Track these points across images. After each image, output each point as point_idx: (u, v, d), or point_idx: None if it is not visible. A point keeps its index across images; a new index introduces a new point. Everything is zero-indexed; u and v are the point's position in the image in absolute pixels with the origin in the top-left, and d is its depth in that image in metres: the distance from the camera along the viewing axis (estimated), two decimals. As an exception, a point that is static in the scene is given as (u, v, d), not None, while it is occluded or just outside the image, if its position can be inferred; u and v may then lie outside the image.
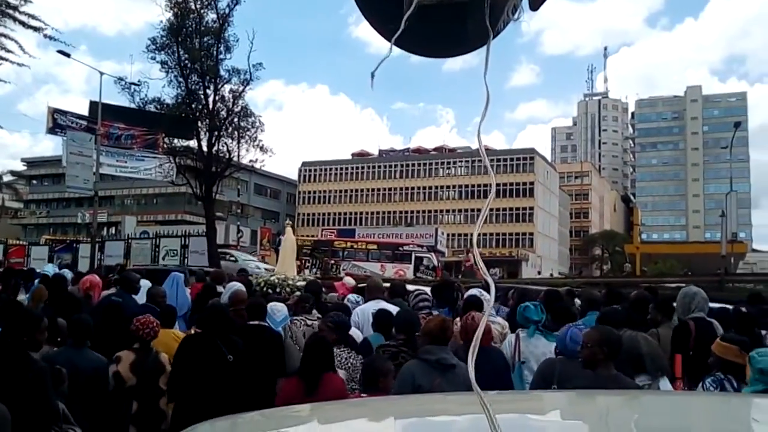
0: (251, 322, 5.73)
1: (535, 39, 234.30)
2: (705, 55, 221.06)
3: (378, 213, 79.77)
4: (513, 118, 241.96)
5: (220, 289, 8.11)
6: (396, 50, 1.67)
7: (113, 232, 48.30)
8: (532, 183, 75.85)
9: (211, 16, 25.99)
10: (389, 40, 1.63)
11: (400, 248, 39.70)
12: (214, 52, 25.81)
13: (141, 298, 7.40)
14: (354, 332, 5.85)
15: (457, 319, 5.70)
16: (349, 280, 10.05)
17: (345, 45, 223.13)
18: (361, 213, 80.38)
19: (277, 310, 6.42)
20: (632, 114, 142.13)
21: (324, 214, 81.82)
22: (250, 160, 26.69)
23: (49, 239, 43.74)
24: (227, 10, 25.69)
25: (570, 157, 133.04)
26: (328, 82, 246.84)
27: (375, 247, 40.60)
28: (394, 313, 5.76)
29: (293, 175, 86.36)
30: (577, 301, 7.43)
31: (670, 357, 4.81)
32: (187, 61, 25.54)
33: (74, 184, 27.37)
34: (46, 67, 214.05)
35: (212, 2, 25.75)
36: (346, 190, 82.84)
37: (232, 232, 39.77)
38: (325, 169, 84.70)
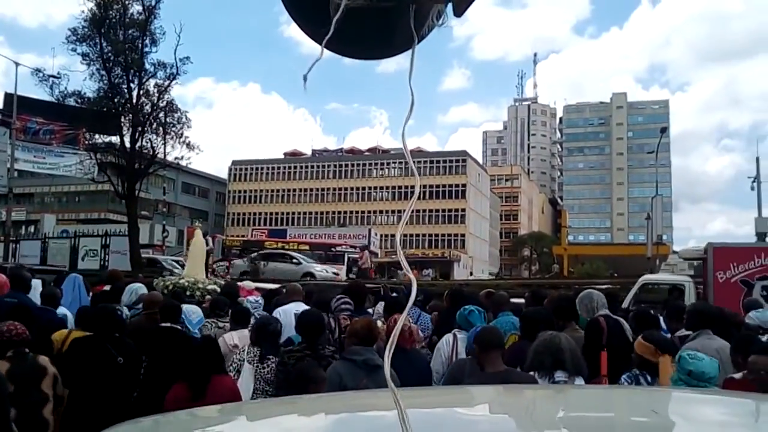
0: (164, 324, 5.56)
1: (466, 44, 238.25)
2: (629, 64, 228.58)
3: (310, 213, 79.00)
4: (445, 121, 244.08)
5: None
6: (327, 52, 1.66)
7: (32, 230, 46.11)
8: (464, 185, 76.68)
9: (136, 8, 25.21)
10: (319, 43, 1.63)
11: (333, 249, 39.26)
12: (139, 45, 24.94)
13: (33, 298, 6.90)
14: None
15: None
16: (249, 284, 10.01)
17: (277, 44, 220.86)
18: (293, 213, 79.41)
19: (192, 312, 6.25)
20: (560, 119, 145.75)
21: (255, 214, 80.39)
22: (176, 158, 25.87)
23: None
24: (153, 2, 24.87)
25: (500, 160, 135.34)
26: (260, 80, 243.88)
27: (307, 247, 40.02)
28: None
29: (224, 174, 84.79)
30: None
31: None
32: (110, 54, 24.59)
33: (-15, 180, 25.92)
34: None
35: (138, -7, 24.83)
36: (277, 190, 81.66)
37: (157, 232, 38.50)
38: (257, 168, 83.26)
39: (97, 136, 26.94)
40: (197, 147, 26.03)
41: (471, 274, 49.26)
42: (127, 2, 24.88)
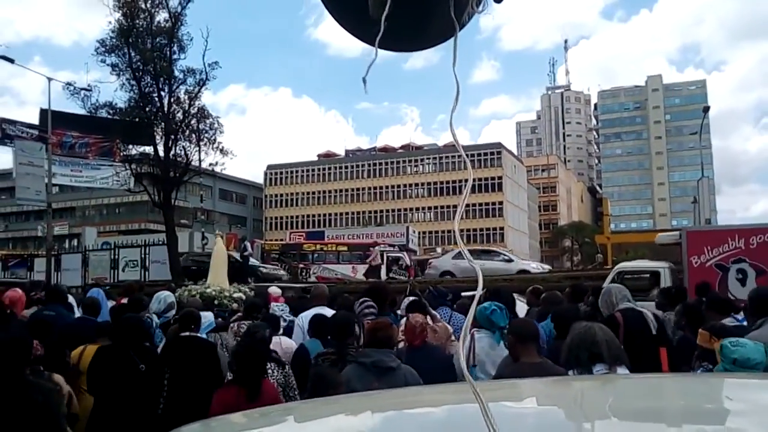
0: (183, 333, 5.64)
1: (494, 35, 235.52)
2: (661, 45, 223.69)
3: (347, 214, 78.83)
4: (477, 114, 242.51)
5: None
6: (360, 49, 1.49)
7: (75, 244, 46.78)
8: (500, 177, 75.68)
9: (162, 15, 25.06)
10: (370, 43, 1.64)
11: (372, 249, 38.84)
12: (167, 53, 24.79)
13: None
14: (285, 342, 5.98)
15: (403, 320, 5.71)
16: (275, 290, 9.91)
17: (305, 47, 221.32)
18: (330, 214, 79.38)
19: (204, 318, 6.31)
20: (595, 105, 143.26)
21: (292, 217, 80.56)
22: (210, 164, 25.64)
23: (6, 254, 41.94)
24: (179, 9, 24.69)
25: (535, 150, 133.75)
26: (291, 84, 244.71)
27: (345, 248, 39.59)
28: None
29: (259, 179, 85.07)
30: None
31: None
32: (139, 63, 24.51)
33: (25, 196, 26.12)
34: (1, 80, 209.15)
35: (163, 1, 24.73)
36: (313, 192, 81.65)
37: (196, 239, 38.55)
38: (291, 172, 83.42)
39: (131, 146, 26.92)
40: (231, 152, 25.82)
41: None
42: (153, 10, 24.78)
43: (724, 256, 10.71)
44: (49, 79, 26.29)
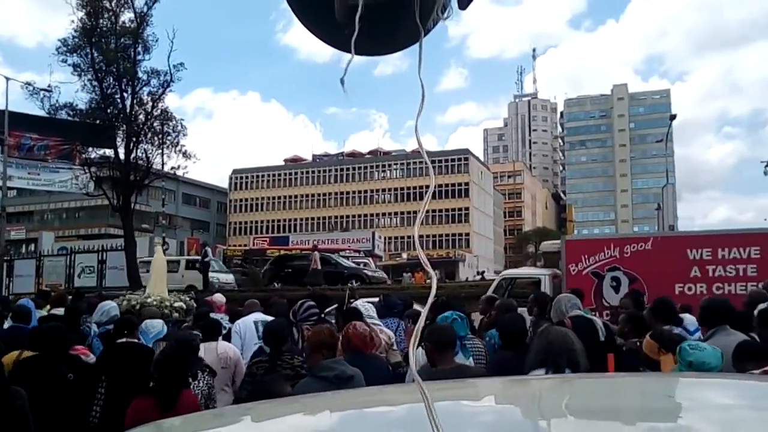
0: (119, 340, 5.55)
1: (462, 43, 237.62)
2: (627, 56, 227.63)
3: (313, 219, 78.20)
4: (444, 121, 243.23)
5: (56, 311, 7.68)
6: (330, 54, 1.53)
7: (33, 249, 45.48)
8: (467, 183, 75.92)
9: (127, 15, 24.55)
10: (338, 47, 1.69)
11: (338, 254, 38.44)
12: (132, 53, 24.23)
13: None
14: (222, 346, 5.88)
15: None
16: (220, 297, 9.91)
17: (275, 52, 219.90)
18: (296, 219, 78.65)
19: (153, 326, 6.22)
20: (561, 113, 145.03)
21: (256, 222, 79.54)
22: (173, 167, 25.09)
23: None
24: (145, 9, 24.19)
25: (502, 157, 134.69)
26: (259, 89, 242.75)
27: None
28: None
29: (225, 184, 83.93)
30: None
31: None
32: (101, 63, 23.91)
33: (-23, 199, 25.19)
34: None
35: (129, 1, 24.15)
36: (278, 197, 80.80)
37: (155, 245, 37.73)
38: (257, 176, 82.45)
39: (91, 149, 26.23)
40: (194, 156, 25.31)
41: (481, 274, 48.03)
42: (118, 10, 24.22)
43: (600, 264, 11.09)
44: (7, 79, 25.59)
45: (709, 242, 10.80)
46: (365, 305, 6.64)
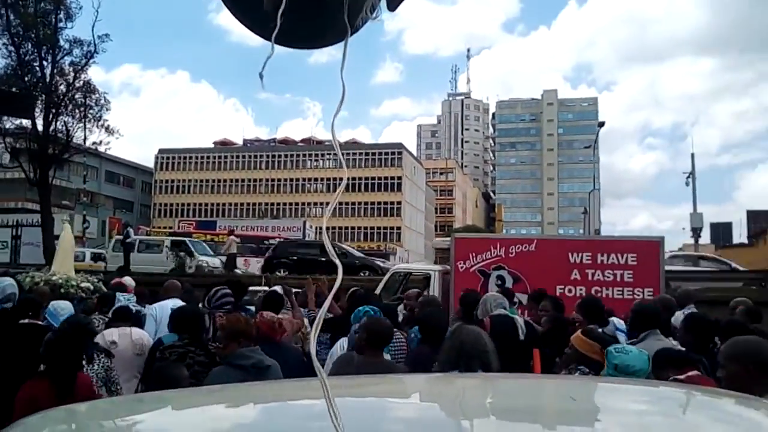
0: (23, 321, 5.37)
1: (398, 38, 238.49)
2: (558, 62, 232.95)
3: (242, 205, 76.79)
4: (378, 114, 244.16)
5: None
6: (259, 39, 1.69)
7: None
8: (399, 178, 76.14)
9: (49, -22, 23.05)
10: (266, 38, 1.64)
11: (266, 242, 37.67)
12: (53, 20, 22.92)
13: None
14: (136, 332, 5.68)
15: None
16: (129, 280, 9.83)
17: (206, 32, 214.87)
18: (224, 204, 77.05)
19: (61, 308, 5.97)
20: (493, 114, 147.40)
21: (182, 205, 77.49)
22: (95, 142, 23.98)
23: None
24: (69, -25, 22.87)
25: (434, 153, 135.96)
26: (189, 68, 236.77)
27: (238, 240, 38.41)
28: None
29: (150, 163, 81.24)
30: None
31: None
32: (19, 28, 22.52)
33: None
34: None
35: (51, -36, 22.84)
36: (207, 180, 78.97)
37: (76, 223, 36.10)
38: (185, 157, 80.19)
39: (6, 119, 24.77)
40: (117, 131, 24.25)
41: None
42: (38, -28, 22.89)
43: (486, 263, 11.26)
44: None
45: (589, 247, 11.17)
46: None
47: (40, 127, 22.93)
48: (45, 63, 22.95)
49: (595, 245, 11.41)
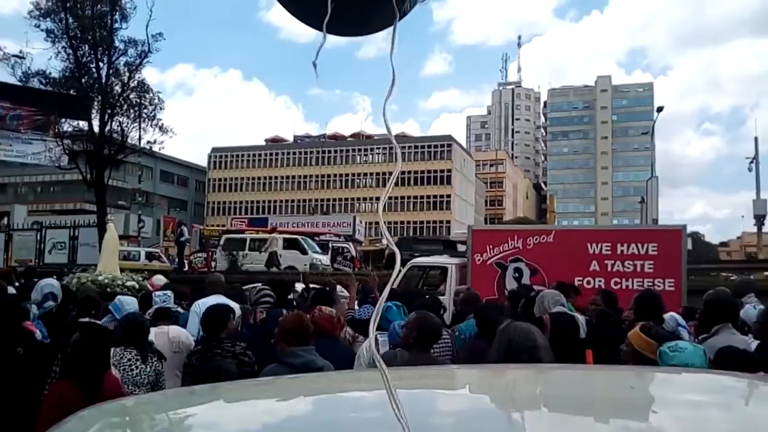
0: (82, 319, 5.42)
1: (447, 28, 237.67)
2: (611, 48, 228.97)
3: (293, 201, 77.26)
4: (427, 106, 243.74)
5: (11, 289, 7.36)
6: (312, 35, 1.68)
7: (6, 223, 44.27)
8: (449, 170, 75.42)
9: (104, -20, 23.36)
10: (314, 27, 1.65)
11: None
12: (108, 21, 23.20)
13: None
14: (174, 330, 5.61)
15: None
16: (159, 279, 9.81)
17: (257, 29, 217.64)
18: (275, 201, 77.63)
19: (127, 303, 6.02)
20: (545, 103, 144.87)
21: (235, 203, 78.43)
22: (149, 142, 24.22)
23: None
24: (124, -26, 23.14)
25: (484, 145, 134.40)
26: (241, 67, 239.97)
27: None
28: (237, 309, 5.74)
29: (204, 162, 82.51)
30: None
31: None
32: (76, 30, 22.91)
33: (-58, 169, 24.10)
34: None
35: (106, -34, 23.14)
36: (258, 177, 79.63)
37: (132, 222, 36.78)
38: (237, 156, 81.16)
39: (64, 120, 25.28)
40: (171, 130, 24.45)
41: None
42: (95, -27, 23.21)
43: (504, 255, 11.21)
44: (-25, 43, 24.33)
45: (608, 237, 11.03)
46: (342, 293, 6.67)
47: (96, 128, 23.24)
48: (101, 64, 23.35)
49: (615, 235, 11.32)
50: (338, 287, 7.50)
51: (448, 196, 75.27)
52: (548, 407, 1.77)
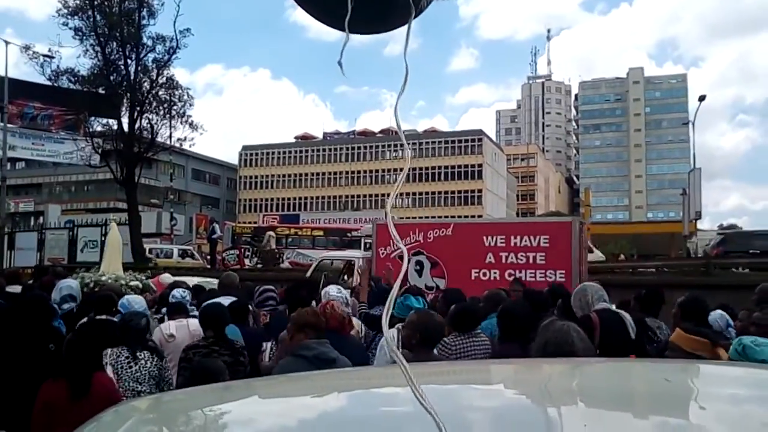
0: (99, 317, 5.54)
1: (473, 23, 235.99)
2: (640, 40, 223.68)
3: (323, 198, 77.24)
4: (454, 102, 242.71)
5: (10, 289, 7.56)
6: (335, 34, 1.69)
7: (41, 222, 44.78)
8: (480, 165, 74.58)
9: (132, -24, 23.23)
10: (334, 26, 1.68)
11: (348, 234, 37.35)
12: (136, 17, 23.07)
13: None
14: (193, 323, 5.64)
15: None
16: (166, 277, 9.84)
17: (285, 29, 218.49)
18: (306, 198, 77.72)
19: (136, 302, 6.05)
20: (575, 96, 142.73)
21: (266, 200, 78.76)
22: (179, 139, 24.07)
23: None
24: (150, -29, 22.99)
25: (514, 139, 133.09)
26: (270, 66, 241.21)
27: (321, 233, 38.28)
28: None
29: (234, 161, 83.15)
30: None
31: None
32: (104, 27, 22.79)
33: (-26, 168, 24.19)
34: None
35: (133, -38, 23.00)
36: (289, 175, 79.81)
37: (164, 220, 36.82)
38: (267, 153, 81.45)
39: (94, 119, 25.24)
40: (201, 127, 24.25)
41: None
42: (122, -29, 23.08)
43: (406, 248, 10.72)
44: (6, 43, 24.45)
45: (503, 230, 11.27)
46: (340, 293, 6.30)
47: (125, 126, 23.12)
48: (129, 61, 23.27)
49: (509, 228, 11.64)
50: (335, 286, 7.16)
51: (480, 190, 74.43)
52: (578, 400, 1.73)
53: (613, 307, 5.25)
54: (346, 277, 12.42)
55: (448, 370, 2.48)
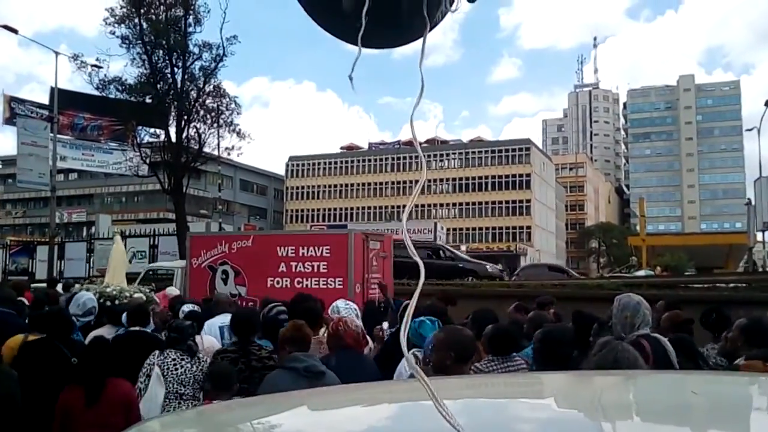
0: (133, 329, 5.74)
1: (514, 33, 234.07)
2: (688, 47, 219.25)
3: (369, 208, 76.85)
4: (497, 112, 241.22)
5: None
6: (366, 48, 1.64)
7: (93, 232, 45.30)
8: (528, 175, 73.16)
9: (177, -16, 23.07)
10: (347, 41, 1.68)
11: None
12: (182, 25, 22.89)
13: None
14: (207, 339, 5.87)
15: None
16: (172, 290, 10.16)
17: (329, 41, 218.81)
18: (352, 208, 77.46)
19: (86, 297, 6.54)
20: (624, 104, 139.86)
21: (313, 210, 78.83)
22: (227, 148, 23.76)
23: (14, 240, 40.42)
24: (197, -22, 22.79)
25: (561, 149, 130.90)
26: (314, 78, 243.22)
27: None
28: None
29: (281, 172, 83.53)
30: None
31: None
32: (151, 36, 22.64)
33: (27, 179, 24.26)
34: (29, 67, 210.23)
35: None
36: (335, 185, 79.82)
37: (213, 230, 36.62)
38: (314, 164, 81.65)
39: (142, 128, 25.17)
40: (248, 135, 23.92)
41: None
42: (167, -21, 22.95)
43: (214, 259, 11.97)
44: (56, 53, 24.43)
45: (293, 241, 11.90)
46: (348, 306, 6.26)
47: (173, 136, 22.92)
48: (176, 69, 23.09)
49: (298, 239, 12.31)
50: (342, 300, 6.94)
51: (528, 200, 72.98)
52: (626, 416, 1.66)
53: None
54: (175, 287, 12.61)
55: (474, 385, 2.45)
